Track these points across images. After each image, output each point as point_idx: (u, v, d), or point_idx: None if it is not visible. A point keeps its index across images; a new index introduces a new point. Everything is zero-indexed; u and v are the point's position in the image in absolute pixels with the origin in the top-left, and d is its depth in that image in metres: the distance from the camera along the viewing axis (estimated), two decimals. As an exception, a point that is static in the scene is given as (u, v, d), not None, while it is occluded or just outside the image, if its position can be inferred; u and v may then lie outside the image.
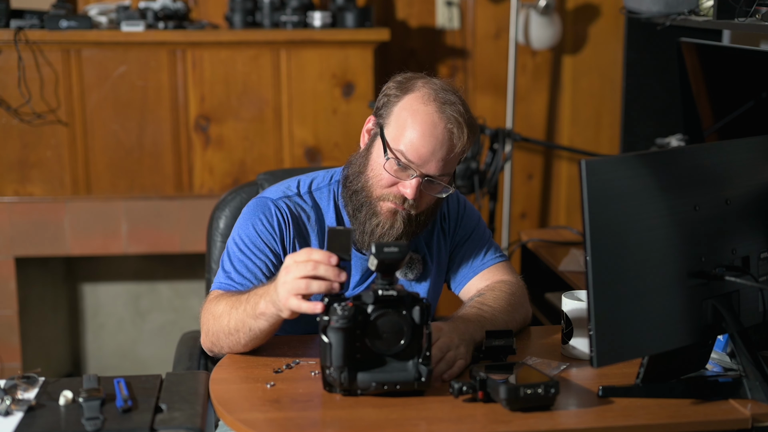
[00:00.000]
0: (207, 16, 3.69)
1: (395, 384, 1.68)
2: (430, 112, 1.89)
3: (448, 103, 1.90)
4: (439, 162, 1.90)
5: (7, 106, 3.41)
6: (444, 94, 1.91)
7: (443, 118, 1.89)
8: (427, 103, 1.90)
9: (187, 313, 3.94)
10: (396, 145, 1.90)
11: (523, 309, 2.06)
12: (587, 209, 1.57)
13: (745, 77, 2.74)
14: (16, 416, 1.58)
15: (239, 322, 1.83)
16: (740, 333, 1.73)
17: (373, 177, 1.95)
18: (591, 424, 1.62)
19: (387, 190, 1.94)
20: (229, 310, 1.85)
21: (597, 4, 3.90)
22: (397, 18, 3.83)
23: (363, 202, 1.97)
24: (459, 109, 1.90)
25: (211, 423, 2.07)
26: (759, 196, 1.80)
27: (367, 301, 1.68)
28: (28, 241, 3.49)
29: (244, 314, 1.81)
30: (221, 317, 1.87)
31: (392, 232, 1.95)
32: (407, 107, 1.91)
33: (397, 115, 1.92)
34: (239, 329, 1.84)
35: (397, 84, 1.96)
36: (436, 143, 1.89)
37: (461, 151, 1.93)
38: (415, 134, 1.89)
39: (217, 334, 1.89)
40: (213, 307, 1.90)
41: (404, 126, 1.90)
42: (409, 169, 1.90)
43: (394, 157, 1.90)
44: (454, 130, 1.89)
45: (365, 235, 1.98)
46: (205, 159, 3.54)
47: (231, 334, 1.85)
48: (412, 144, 1.89)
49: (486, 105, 3.89)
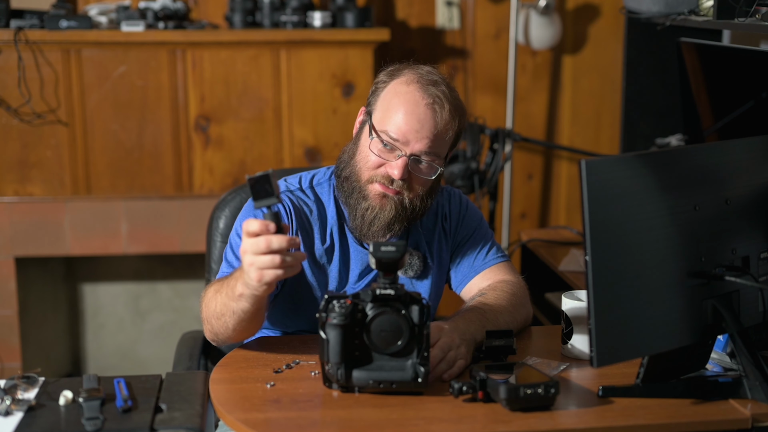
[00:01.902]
0: (207, 16, 3.69)
1: (392, 383, 1.68)
2: (412, 91, 1.94)
3: (430, 83, 1.95)
4: (423, 140, 1.92)
5: (7, 106, 3.41)
6: (428, 76, 1.97)
7: (425, 97, 1.93)
8: (409, 84, 1.96)
9: (187, 313, 3.94)
10: (381, 126, 1.95)
11: (524, 309, 2.06)
12: (587, 209, 1.57)
13: (745, 77, 2.74)
14: (16, 416, 1.58)
15: (223, 306, 1.84)
16: (740, 333, 1.73)
17: (361, 160, 1.98)
18: (591, 424, 1.62)
19: (375, 172, 1.96)
20: (214, 295, 1.87)
21: (597, 4, 3.90)
22: (397, 18, 3.83)
23: (354, 187, 1.99)
24: (442, 89, 1.95)
25: (211, 423, 2.07)
26: (759, 196, 1.80)
27: (365, 299, 1.69)
28: (28, 241, 3.49)
29: (226, 297, 1.82)
30: (209, 303, 1.89)
31: (382, 216, 1.96)
32: (391, 90, 1.97)
33: (382, 99, 1.98)
34: (224, 313, 1.84)
35: (386, 73, 2.02)
36: (419, 120, 1.92)
37: (446, 130, 1.95)
38: (398, 113, 1.93)
39: (209, 320, 1.90)
40: (205, 294, 1.93)
41: (388, 108, 1.95)
42: (395, 150, 1.94)
43: (378, 137, 1.94)
44: (436, 108, 1.93)
45: (357, 221, 2.00)
46: (205, 159, 3.54)
47: (218, 318, 1.87)
48: (395, 123, 1.93)
49: (486, 105, 3.89)
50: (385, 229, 1.98)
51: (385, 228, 1.98)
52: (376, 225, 1.97)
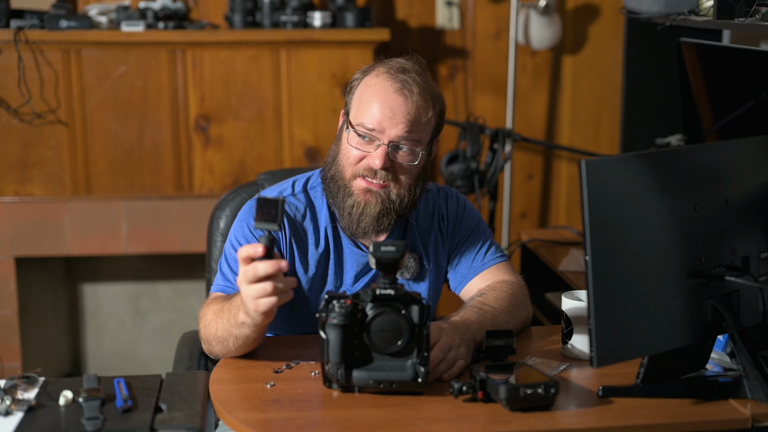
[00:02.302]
0: (207, 16, 3.69)
1: (391, 383, 1.68)
2: (382, 81, 1.98)
3: (399, 71, 1.99)
4: (399, 125, 1.94)
5: (7, 106, 3.41)
6: (397, 66, 2.01)
7: (394, 83, 1.96)
8: (379, 75, 2.00)
9: (187, 313, 3.94)
10: (357, 120, 1.98)
11: (524, 309, 2.06)
12: (587, 209, 1.57)
13: (745, 77, 2.74)
14: (16, 416, 1.58)
15: (225, 332, 1.85)
16: (740, 333, 1.73)
17: (343, 158, 2.00)
18: (591, 424, 1.62)
19: (357, 167, 1.98)
20: (216, 319, 1.87)
21: (597, 4, 3.90)
22: (397, 18, 3.83)
23: (339, 186, 2.00)
24: (411, 75, 1.99)
25: (211, 423, 2.07)
26: (759, 196, 1.80)
27: (365, 299, 1.69)
28: (28, 241, 3.49)
29: (228, 324, 1.83)
30: (210, 325, 1.89)
31: (368, 211, 1.97)
32: (363, 85, 2.02)
33: (356, 95, 2.02)
34: (227, 338, 1.85)
35: (360, 71, 2.06)
36: (391, 108, 1.95)
37: (420, 113, 1.96)
38: (371, 104, 1.96)
39: (208, 341, 1.91)
40: (204, 313, 1.93)
41: (361, 101, 1.99)
42: (374, 141, 1.95)
43: (354, 131, 1.96)
44: (406, 92, 1.95)
45: (346, 219, 2.00)
46: (205, 159, 3.54)
47: (220, 342, 1.87)
48: (369, 113, 1.95)
49: (486, 105, 3.89)
50: (375, 223, 1.98)
51: (374, 223, 1.98)
52: (364, 221, 1.98)
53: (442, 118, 2.03)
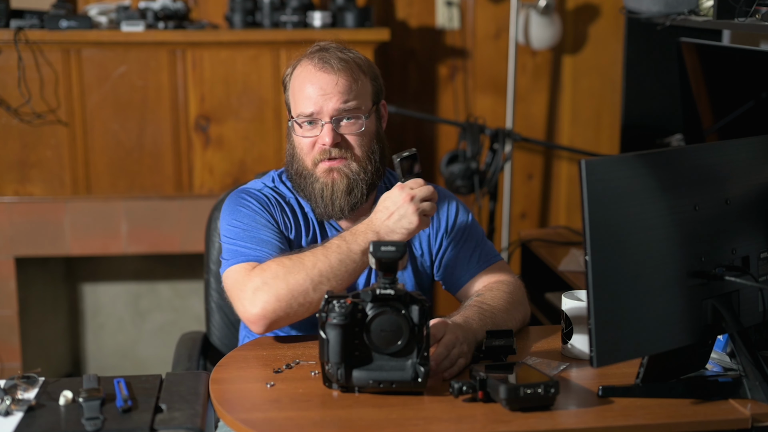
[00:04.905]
0: (207, 16, 3.69)
1: (391, 383, 1.69)
2: (305, 66, 2.05)
3: (317, 51, 2.05)
4: (332, 98, 2.00)
5: (7, 106, 3.41)
6: (315, 48, 2.08)
7: (315, 64, 2.03)
8: (302, 64, 2.07)
9: (187, 313, 3.94)
10: (297, 111, 2.04)
11: (522, 308, 2.07)
12: (587, 209, 1.57)
13: (745, 77, 2.74)
14: (16, 416, 1.58)
15: (340, 264, 1.89)
16: (740, 333, 1.73)
17: (299, 150, 2.06)
18: (591, 424, 1.62)
19: (313, 153, 2.04)
20: (321, 259, 1.89)
21: (597, 4, 3.90)
22: (397, 18, 3.83)
23: (304, 176, 2.06)
24: (331, 51, 2.04)
25: (211, 423, 2.08)
26: (759, 196, 1.80)
27: (365, 299, 1.69)
28: (28, 241, 3.49)
29: (341, 257, 1.89)
30: (313, 268, 1.89)
31: (337, 188, 2.03)
32: (292, 79, 2.08)
33: (290, 91, 2.09)
34: (330, 278, 1.88)
35: (288, 69, 2.11)
36: (320, 86, 2.01)
37: (348, 81, 2.01)
38: (302, 91, 2.03)
39: (316, 281, 1.88)
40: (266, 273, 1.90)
41: (294, 92, 2.06)
42: (317, 123, 2.01)
43: (295, 121, 2.04)
44: (326, 67, 2.01)
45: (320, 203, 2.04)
46: (205, 159, 3.54)
47: (334, 277, 1.89)
48: (303, 100, 2.02)
49: (486, 105, 3.89)
50: (348, 198, 2.03)
51: (346, 197, 2.03)
52: (337, 199, 2.03)
53: (377, 81, 2.09)
